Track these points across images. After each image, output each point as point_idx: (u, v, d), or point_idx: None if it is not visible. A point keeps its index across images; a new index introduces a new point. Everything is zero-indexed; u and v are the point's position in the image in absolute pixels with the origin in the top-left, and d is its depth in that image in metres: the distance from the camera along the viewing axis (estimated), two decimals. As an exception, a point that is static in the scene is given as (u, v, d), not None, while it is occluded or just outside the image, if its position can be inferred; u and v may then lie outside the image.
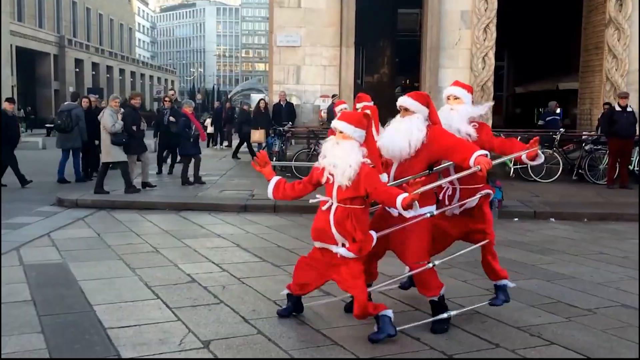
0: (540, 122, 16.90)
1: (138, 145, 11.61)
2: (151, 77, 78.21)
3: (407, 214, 4.08)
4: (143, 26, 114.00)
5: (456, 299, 5.09)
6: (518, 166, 13.40)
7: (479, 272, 5.26)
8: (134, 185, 11.19)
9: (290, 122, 14.97)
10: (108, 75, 62.29)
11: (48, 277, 5.74)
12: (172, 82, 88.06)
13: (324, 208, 4.39)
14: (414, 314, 4.82)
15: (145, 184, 11.70)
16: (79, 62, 55.61)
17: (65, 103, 14.01)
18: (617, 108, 12.58)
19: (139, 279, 5.71)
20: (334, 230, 4.26)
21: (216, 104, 28.18)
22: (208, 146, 22.98)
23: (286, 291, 4.74)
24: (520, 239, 7.98)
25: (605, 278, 6.03)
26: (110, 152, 10.96)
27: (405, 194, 3.91)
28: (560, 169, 13.34)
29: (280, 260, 6.54)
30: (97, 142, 12.55)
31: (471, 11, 15.78)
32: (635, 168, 13.22)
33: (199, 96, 42.72)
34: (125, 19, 73.35)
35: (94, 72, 58.84)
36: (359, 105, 8.36)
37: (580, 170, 13.53)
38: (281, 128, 14.33)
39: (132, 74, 70.28)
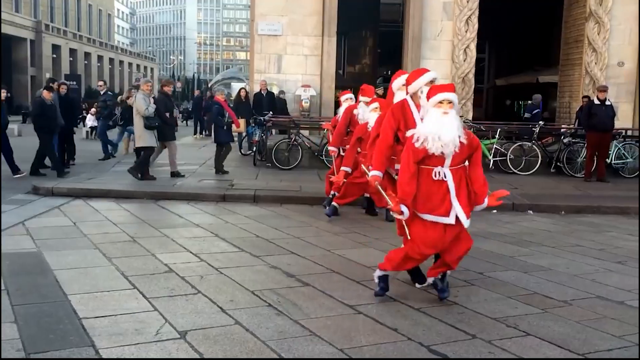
0: (527, 115, 17.03)
1: (170, 132, 11.53)
2: (130, 64, 77.27)
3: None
4: (122, 12, 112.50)
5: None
6: (497, 158, 13.49)
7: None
8: (175, 171, 11.35)
9: (271, 112, 14.89)
10: (86, 62, 61.45)
11: (22, 266, 5.64)
12: (152, 69, 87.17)
13: (435, 178, 4.59)
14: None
15: (174, 174, 11.47)
16: (56, 48, 54.77)
17: (40, 90, 13.79)
18: (596, 101, 12.67)
19: (115, 268, 5.64)
20: (453, 194, 4.59)
21: (196, 92, 27.98)
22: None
23: (381, 272, 4.90)
24: (498, 230, 8.03)
25: (581, 270, 6.09)
26: (142, 137, 10.91)
27: None
28: (539, 161, 13.45)
29: (259, 250, 6.50)
30: (74, 129, 12.40)
31: (453, 2, 15.83)
32: (613, 161, 13.36)
33: (178, 84, 42.34)
34: (104, 5, 72.27)
35: (71, 59, 58.00)
36: (363, 99, 8.38)
37: (558, 163, 13.65)
38: (262, 117, 14.25)
39: (111, 60, 69.37)
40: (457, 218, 4.64)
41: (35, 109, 11.76)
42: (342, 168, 8.18)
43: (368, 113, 7.70)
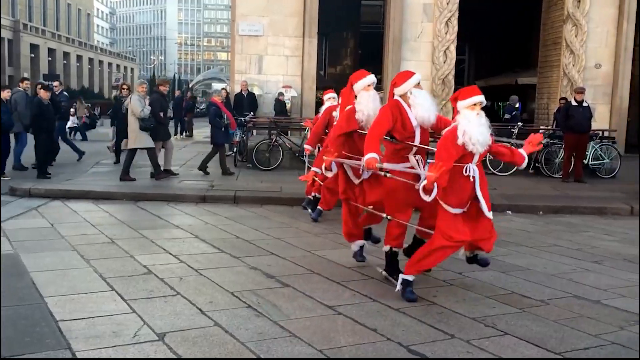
0: (507, 116, 17.18)
1: (164, 131, 11.50)
2: (110, 64, 76.52)
3: None
4: (102, 12, 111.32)
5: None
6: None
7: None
8: (169, 169, 11.41)
9: (252, 112, 14.86)
10: (65, 62, 60.74)
11: (-2, 268, 5.56)
12: (132, 69, 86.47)
13: (466, 174, 4.88)
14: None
15: (167, 171, 11.60)
16: (34, 48, 54.11)
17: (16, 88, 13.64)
18: (574, 103, 12.81)
19: (94, 270, 5.58)
20: (478, 189, 4.96)
21: (177, 92, 27.77)
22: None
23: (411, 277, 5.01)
24: (478, 230, 8.07)
25: (559, 269, 6.16)
26: (138, 138, 10.88)
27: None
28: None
29: (239, 251, 6.48)
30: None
31: (433, 4, 15.93)
32: (590, 162, 13.52)
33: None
34: (83, 4, 71.53)
35: (50, 58, 57.31)
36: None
37: (537, 164, 13.78)
38: (242, 118, 14.20)
39: (90, 60, 68.65)
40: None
41: (33, 109, 11.65)
42: (313, 169, 8.19)
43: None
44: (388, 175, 5.09)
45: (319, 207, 8.42)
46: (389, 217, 5.32)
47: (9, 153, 11.65)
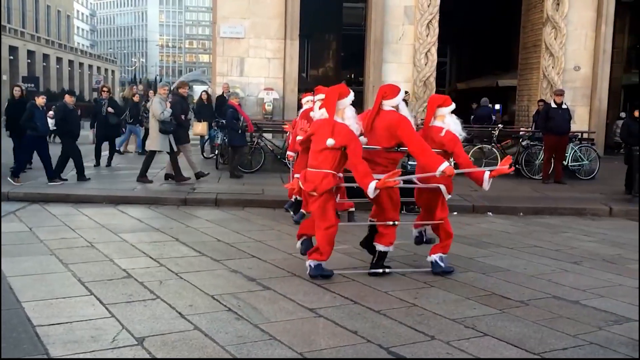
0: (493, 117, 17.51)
1: (185, 134, 11.52)
2: (90, 66, 75.76)
3: None
4: (82, 13, 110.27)
5: (394, 292, 5.16)
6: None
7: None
8: (202, 171, 11.60)
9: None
10: (44, 64, 60.01)
11: (-26, 273, 5.48)
12: (113, 72, 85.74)
13: None
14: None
15: (198, 175, 11.62)
16: (13, 50, 53.38)
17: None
18: (553, 105, 12.93)
19: (72, 274, 5.53)
20: None
21: (120, 94, 27.53)
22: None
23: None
24: (458, 232, 8.01)
25: (538, 270, 6.21)
26: (156, 140, 10.88)
27: None
28: (498, 164, 13.64)
29: (220, 254, 6.46)
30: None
31: (414, 7, 15.99)
32: (570, 164, 13.66)
33: (140, 87, 41.70)
34: (63, 6, 70.75)
35: (29, 60, 56.56)
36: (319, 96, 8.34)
37: (517, 166, 13.83)
38: (224, 120, 14.13)
39: (70, 62, 67.92)
40: None
41: (58, 113, 11.59)
42: (295, 175, 8.19)
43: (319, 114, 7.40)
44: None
45: (301, 209, 8.40)
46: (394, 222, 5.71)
47: (50, 157, 11.54)
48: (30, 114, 10.85)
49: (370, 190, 5.20)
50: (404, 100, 6.22)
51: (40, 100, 11.20)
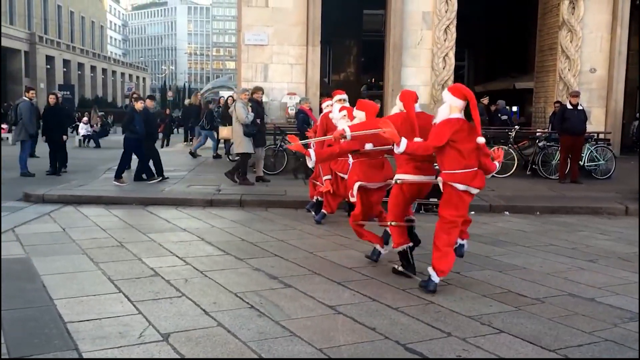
0: (504, 117, 17.43)
1: (261, 138, 11.90)
2: (122, 74, 77.30)
3: None
4: (115, 24, 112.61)
5: (412, 289, 5.25)
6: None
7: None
8: (260, 176, 11.89)
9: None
10: (79, 72, 61.49)
11: (10, 271, 5.70)
12: (144, 79, 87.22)
13: None
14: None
15: (259, 178, 11.98)
16: (50, 59, 54.80)
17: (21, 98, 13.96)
18: (569, 106, 12.98)
19: (102, 273, 5.72)
20: None
21: (186, 101, 27.96)
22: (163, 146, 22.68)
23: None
24: (475, 231, 8.07)
25: (554, 268, 6.25)
26: (242, 144, 11.31)
27: None
28: (515, 164, 13.71)
29: (244, 253, 6.61)
30: (65, 137, 12.49)
31: (432, 12, 16.09)
32: (586, 164, 13.62)
33: (170, 93, 42.24)
34: (96, 17, 72.46)
35: (65, 69, 58.01)
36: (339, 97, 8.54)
37: (534, 166, 13.93)
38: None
39: (104, 71, 69.42)
40: None
41: (127, 118, 12.10)
42: (325, 177, 8.35)
43: (338, 116, 7.26)
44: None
45: (322, 210, 8.55)
46: (393, 223, 5.74)
47: (146, 159, 12.09)
48: (131, 117, 11.36)
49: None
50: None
51: (139, 105, 11.73)
